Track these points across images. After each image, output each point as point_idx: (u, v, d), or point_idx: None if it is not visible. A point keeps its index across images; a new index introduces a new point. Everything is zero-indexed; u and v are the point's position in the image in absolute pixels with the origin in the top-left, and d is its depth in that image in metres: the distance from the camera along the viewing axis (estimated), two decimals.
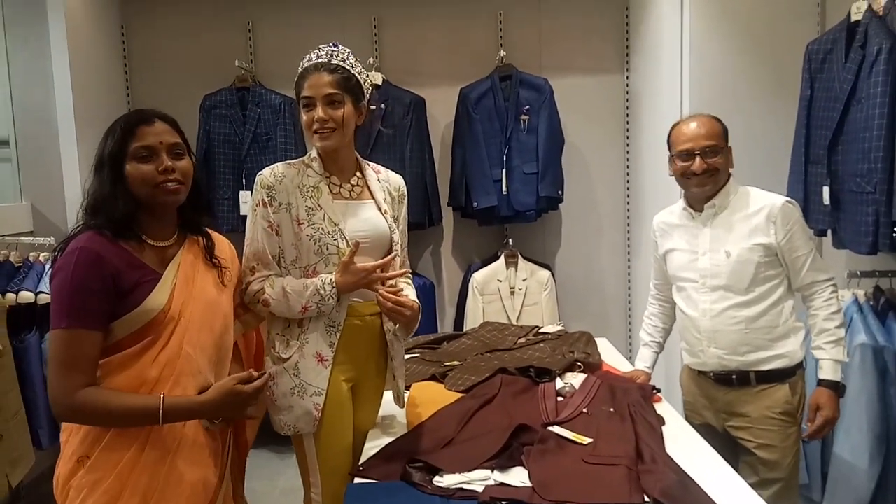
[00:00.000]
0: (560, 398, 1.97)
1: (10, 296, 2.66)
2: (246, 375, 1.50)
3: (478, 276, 3.62)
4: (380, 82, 3.52)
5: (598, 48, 3.77)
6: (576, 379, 2.07)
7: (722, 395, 2.11)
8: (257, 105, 3.58)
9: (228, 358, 1.62)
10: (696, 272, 2.11)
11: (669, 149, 2.14)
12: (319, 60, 1.75)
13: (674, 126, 2.14)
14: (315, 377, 1.74)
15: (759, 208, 2.04)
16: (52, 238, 2.96)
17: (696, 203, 2.13)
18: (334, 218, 1.75)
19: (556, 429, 1.75)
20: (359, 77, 1.79)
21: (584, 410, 1.86)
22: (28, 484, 2.63)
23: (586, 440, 1.68)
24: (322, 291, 1.69)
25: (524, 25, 3.76)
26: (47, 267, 2.82)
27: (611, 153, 3.83)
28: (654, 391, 2.06)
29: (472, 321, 3.56)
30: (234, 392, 1.46)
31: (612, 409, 1.85)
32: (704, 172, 2.04)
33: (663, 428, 1.83)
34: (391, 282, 1.78)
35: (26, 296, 2.67)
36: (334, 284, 1.69)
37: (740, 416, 2.08)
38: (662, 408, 2.01)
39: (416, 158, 3.57)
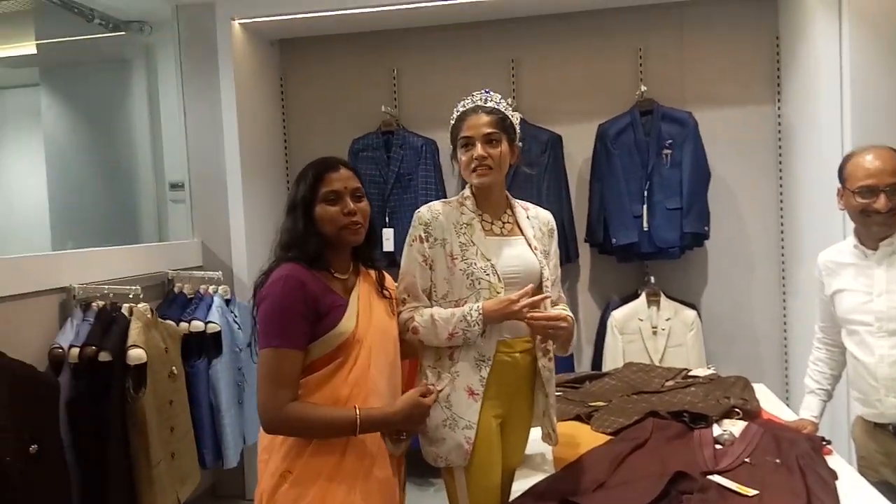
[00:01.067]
0: (718, 446, 1.87)
1: (184, 324, 2.92)
2: (424, 389, 1.67)
3: (617, 315, 3.53)
4: (517, 122, 3.57)
5: (747, 79, 3.62)
6: (735, 426, 1.96)
7: None
8: (400, 147, 3.74)
9: (400, 382, 1.75)
10: (871, 315, 1.94)
11: (842, 183, 2.00)
12: (476, 104, 1.86)
13: (849, 158, 2.00)
14: (466, 410, 1.75)
15: None
16: (220, 273, 3.24)
17: (868, 241, 1.97)
18: (487, 254, 1.79)
19: (716, 478, 1.66)
20: (511, 118, 1.86)
21: (747, 460, 1.76)
22: (192, 501, 2.83)
23: (751, 492, 1.58)
24: (469, 317, 1.72)
25: (666, 59, 3.69)
26: (215, 299, 3.07)
27: (763, 187, 3.63)
28: (824, 443, 1.91)
29: (610, 361, 3.46)
30: (418, 403, 1.64)
31: (777, 461, 1.74)
32: (889, 211, 1.88)
33: (836, 483, 1.69)
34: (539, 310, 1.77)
35: (197, 325, 2.93)
36: (481, 311, 1.72)
37: None
38: (834, 461, 1.85)
39: (552, 195, 3.57)
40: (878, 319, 1.93)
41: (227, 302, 3.15)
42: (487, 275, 1.77)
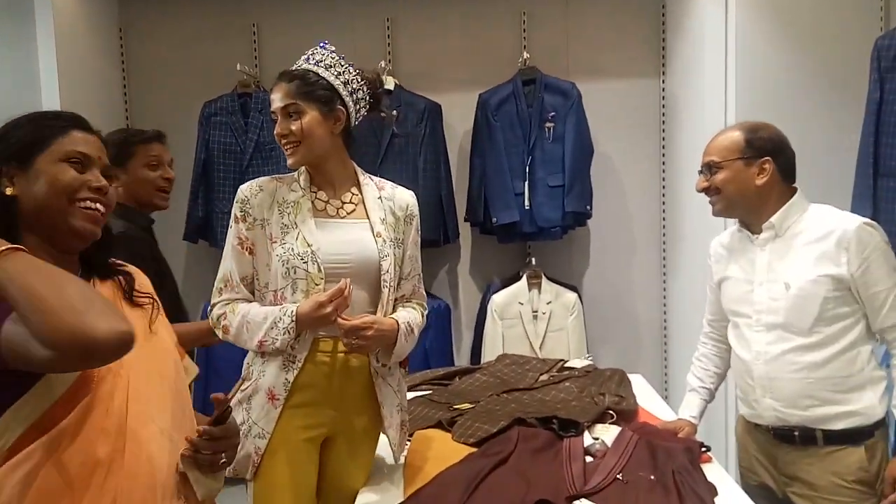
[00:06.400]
0: (589, 458, 1.65)
1: None
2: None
3: (497, 299, 3.31)
4: (391, 87, 3.25)
5: (632, 50, 3.45)
6: (608, 433, 1.75)
7: (783, 454, 1.76)
8: (260, 112, 3.32)
9: (189, 401, 1.29)
10: (750, 306, 1.77)
11: None
12: (289, 68, 1.58)
13: None
14: (262, 417, 1.53)
15: (828, 232, 1.68)
16: None
17: (753, 224, 1.80)
18: (308, 238, 1.52)
19: (583, 502, 1.44)
20: (332, 80, 1.56)
21: (619, 476, 1.55)
22: None
23: None
24: (280, 323, 1.48)
25: (550, 26, 3.46)
26: None
27: (645, 164, 3.49)
28: (703, 449, 1.73)
29: (490, 347, 3.25)
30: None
31: (652, 477, 1.53)
32: (703, 191, 1.80)
33: (715, 499, 1.51)
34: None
35: None
36: (294, 317, 1.47)
37: (804, 482, 1.72)
38: (712, 469, 1.68)
39: (430, 170, 3.28)
40: (756, 311, 1.76)
41: None
42: (305, 262, 1.51)
